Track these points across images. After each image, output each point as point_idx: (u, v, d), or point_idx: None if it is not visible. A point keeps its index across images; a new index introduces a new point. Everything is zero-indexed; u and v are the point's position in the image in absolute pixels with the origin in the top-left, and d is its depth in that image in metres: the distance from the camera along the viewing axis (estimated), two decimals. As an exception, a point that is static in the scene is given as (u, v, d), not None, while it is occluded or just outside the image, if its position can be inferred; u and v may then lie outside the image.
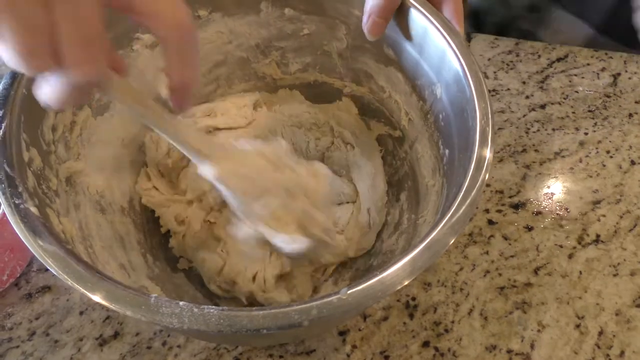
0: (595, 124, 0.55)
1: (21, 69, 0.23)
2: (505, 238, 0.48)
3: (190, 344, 0.44)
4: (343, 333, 0.43)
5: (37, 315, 0.47)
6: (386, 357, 0.42)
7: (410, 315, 0.44)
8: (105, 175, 0.45)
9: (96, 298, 0.28)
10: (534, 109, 0.57)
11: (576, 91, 0.58)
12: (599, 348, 0.41)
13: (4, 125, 0.33)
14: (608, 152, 0.53)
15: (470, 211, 0.30)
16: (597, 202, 0.49)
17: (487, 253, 0.47)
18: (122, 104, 0.32)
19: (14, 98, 0.34)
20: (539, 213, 0.49)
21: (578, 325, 0.42)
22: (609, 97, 0.57)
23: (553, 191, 0.50)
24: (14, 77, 0.34)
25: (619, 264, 0.45)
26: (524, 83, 0.60)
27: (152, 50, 0.47)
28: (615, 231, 0.47)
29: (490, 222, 0.49)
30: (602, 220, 0.48)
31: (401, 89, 0.45)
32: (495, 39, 0.64)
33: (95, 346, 0.45)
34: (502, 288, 0.45)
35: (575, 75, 0.60)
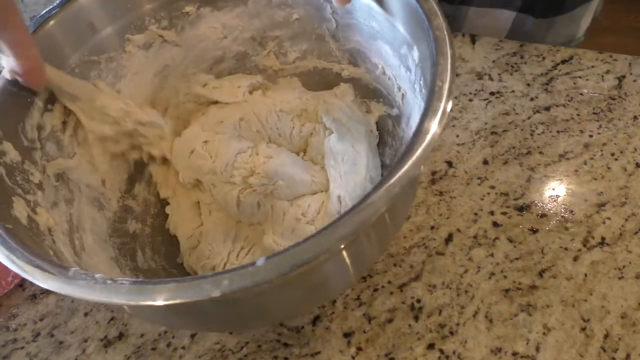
0: (600, 126, 0.55)
1: None
2: (510, 240, 0.48)
3: (195, 346, 0.44)
4: (348, 335, 0.43)
5: (42, 316, 0.47)
6: (391, 360, 0.42)
7: (415, 318, 0.44)
8: (105, 173, 0.46)
9: (13, 267, 0.28)
10: (538, 111, 0.57)
11: (581, 93, 0.58)
12: (605, 351, 0.41)
13: None
14: (613, 155, 0.53)
15: (411, 171, 0.28)
16: (602, 205, 0.49)
17: (492, 255, 0.47)
18: None
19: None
20: (543, 215, 0.49)
21: (583, 328, 0.42)
22: (614, 100, 0.57)
23: (558, 193, 0.50)
24: None
25: (624, 266, 0.45)
26: (528, 85, 0.60)
27: (147, 50, 0.48)
28: (621, 234, 0.47)
29: (495, 225, 0.49)
30: (607, 223, 0.48)
31: (391, 63, 0.45)
32: (500, 40, 0.64)
33: (100, 347, 0.45)
34: (507, 290, 0.45)
35: (579, 77, 0.60)
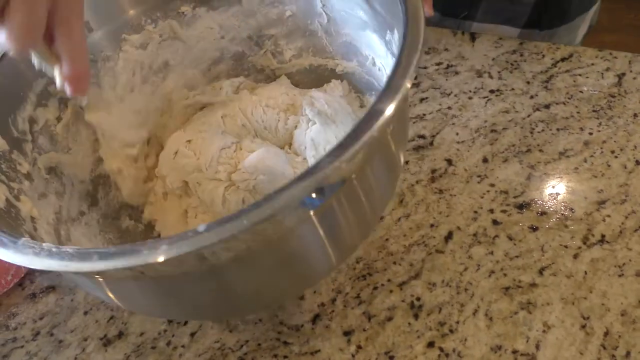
0: (600, 124, 0.55)
1: None
2: (510, 238, 0.48)
3: (194, 344, 0.44)
4: (348, 333, 0.43)
5: (42, 315, 0.47)
6: (391, 358, 0.42)
7: (415, 316, 0.44)
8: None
9: None
10: (538, 109, 0.57)
11: (581, 91, 0.58)
12: (605, 349, 0.41)
13: None
14: (613, 152, 0.53)
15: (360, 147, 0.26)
16: (602, 203, 0.49)
17: (492, 253, 0.47)
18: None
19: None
20: (543, 213, 0.49)
21: (584, 326, 0.42)
22: (614, 97, 0.57)
23: (558, 191, 0.50)
24: None
25: (624, 264, 0.45)
26: (528, 83, 0.60)
27: (145, 49, 0.48)
28: (621, 231, 0.47)
29: (495, 223, 0.49)
30: (607, 221, 0.48)
31: (379, 52, 0.45)
32: (500, 38, 0.64)
33: (100, 346, 0.45)
34: (507, 288, 0.45)
35: (579, 75, 0.60)
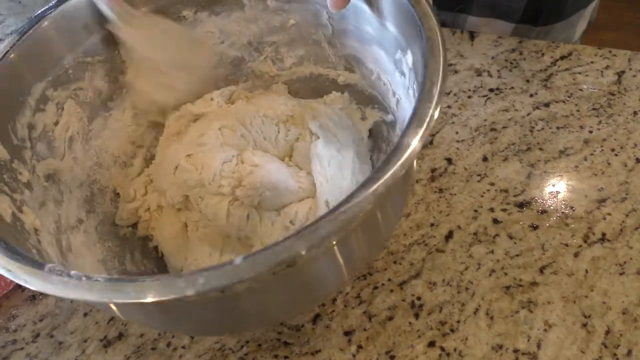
0: (600, 122, 0.55)
1: None
2: (510, 237, 0.48)
3: (195, 345, 0.44)
4: (348, 333, 0.43)
5: (41, 316, 0.47)
6: (392, 357, 0.42)
7: (416, 315, 0.44)
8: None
9: None
10: (538, 107, 0.57)
11: (580, 89, 0.58)
12: (606, 347, 0.41)
13: None
14: (613, 150, 0.52)
15: (398, 172, 0.27)
16: (603, 201, 0.49)
17: (493, 252, 0.47)
18: None
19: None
20: (544, 212, 0.49)
21: (585, 325, 0.42)
22: (614, 95, 0.57)
23: (558, 190, 0.50)
24: None
25: (625, 262, 0.45)
26: (527, 81, 0.60)
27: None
28: (621, 229, 0.47)
29: (495, 221, 0.49)
30: (608, 219, 0.48)
31: (386, 68, 0.44)
32: (499, 37, 0.64)
33: (100, 348, 0.45)
34: (508, 287, 0.45)
35: (579, 73, 0.60)
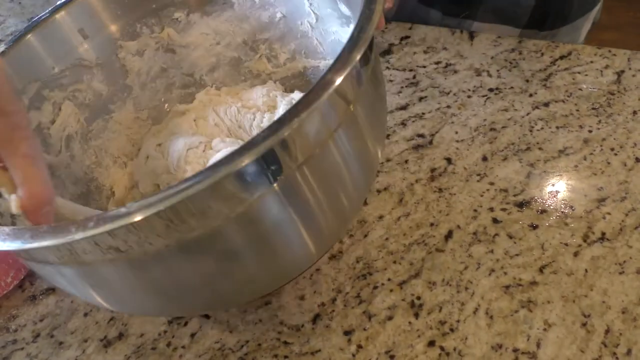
0: (600, 121, 0.55)
1: None
2: (510, 237, 0.48)
3: (195, 345, 0.44)
4: (348, 333, 0.43)
5: (42, 317, 0.47)
6: (391, 357, 0.42)
7: (416, 315, 0.44)
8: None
9: None
10: (537, 107, 0.57)
11: (580, 89, 0.58)
12: (606, 346, 0.41)
13: None
14: (612, 150, 0.52)
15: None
16: (602, 200, 0.49)
17: (492, 252, 0.47)
18: None
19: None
20: (543, 211, 0.49)
21: (584, 324, 0.42)
22: (613, 95, 0.57)
23: (558, 189, 0.50)
24: None
25: (625, 261, 0.45)
26: (527, 81, 0.60)
27: (140, 57, 0.49)
28: (621, 229, 0.47)
29: (495, 221, 0.49)
30: (608, 218, 0.48)
31: None
32: (498, 37, 0.64)
33: (100, 347, 0.45)
34: (508, 287, 0.45)
35: (578, 72, 0.60)
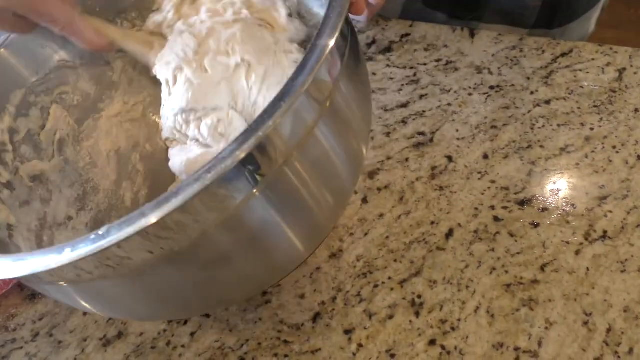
0: (601, 119, 0.55)
1: None
2: (511, 235, 0.47)
3: (194, 344, 0.44)
4: (348, 332, 0.43)
5: (41, 316, 0.47)
6: (392, 356, 0.42)
7: (416, 314, 0.44)
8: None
9: None
10: (538, 105, 0.57)
11: (581, 86, 0.58)
12: (608, 345, 0.41)
13: None
14: (614, 148, 0.52)
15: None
16: (604, 198, 0.49)
17: (493, 250, 0.47)
18: None
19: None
20: (545, 209, 0.49)
21: (586, 322, 0.42)
22: (615, 92, 0.57)
23: (559, 187, 0.50)
24: None
25: (626, 260, 0.45)
26: (528, 79, 0.59)
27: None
28: (623, 227, 0.47)
29: (496, 219, 0.48)
30: (609, 216, 0.48)
31: None
32: (499, 34, 0.64)
33: (99, 347, 0.44)
34: (509, 285, 0.44)
35: (580, 70, 0.59)
